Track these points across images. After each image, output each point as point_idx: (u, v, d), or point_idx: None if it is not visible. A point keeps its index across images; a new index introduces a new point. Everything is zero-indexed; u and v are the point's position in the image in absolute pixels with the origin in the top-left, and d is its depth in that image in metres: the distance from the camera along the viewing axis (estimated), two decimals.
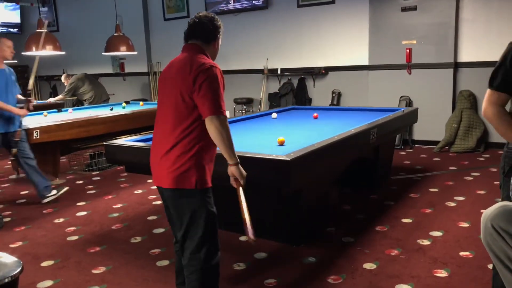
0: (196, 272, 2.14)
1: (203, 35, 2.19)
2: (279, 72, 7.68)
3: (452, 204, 3.95)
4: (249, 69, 7.98)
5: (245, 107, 7.93)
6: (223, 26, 2.29)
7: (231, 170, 2.09)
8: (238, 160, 2.09)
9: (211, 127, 2.00)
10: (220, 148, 2.06)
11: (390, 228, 3.43)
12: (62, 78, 7.62)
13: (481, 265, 2.78)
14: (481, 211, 3.74)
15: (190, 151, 2.05)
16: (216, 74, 2.06)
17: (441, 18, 6.09)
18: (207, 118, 2.01)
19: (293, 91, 7.53)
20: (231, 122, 4.40)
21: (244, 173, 2.11)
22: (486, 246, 1.63)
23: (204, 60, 2.10)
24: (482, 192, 4.24)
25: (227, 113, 8.18)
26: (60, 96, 7.49)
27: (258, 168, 2.71)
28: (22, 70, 10.92)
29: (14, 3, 10.00)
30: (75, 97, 7.61)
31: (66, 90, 7.21)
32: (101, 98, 7.43)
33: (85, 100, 7.48)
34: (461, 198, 4.08)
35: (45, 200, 4.37)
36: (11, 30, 10.54)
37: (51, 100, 7.69)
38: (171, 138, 2.08)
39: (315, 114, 4.62)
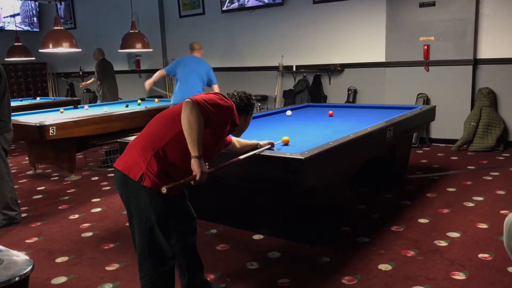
0: (146, 277, 2.15)
1: (236, 104, 2.26)
2: (294, 69, 7.62)
3: (470, 204, 3.86)
4: (264, 66, 7.94)
5: (259, 104, 7.89)
6: (238, 23, 2.30)
7: (191, 162, 2.01)
8: (199, 154, 1.99)
9: (183, 111, 1.98)
10: (185, 135, 1.99)
11: (406, 228, 3.37)
12: (96, 51, 7.75)
13: (501, 268, 2.71)
14: (501, 212, 3.65)
15: (154, 154, 2.05)
16: (228, 104, 2.13)
17: (460, 14, 5.96)
18: (185, 100, 2.00)
19: (308, 88, 7.47)
20: None
21: (203, 170, 2.01)
22: (509, 252, 1.57)
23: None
24: (501, 192, 4.14)
25: None
26: (92, 79, 7.85)
27: (272, 167, 2.69)
28: (40, 67, 11.09)
29: (32, 1, 10.13)
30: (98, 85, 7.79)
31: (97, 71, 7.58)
32: (114, 94, 7.62)
33: (99, 92, 7.68)
34: (480, 198, 3.99)
35: None
36: (29, 27, 10.67)
37: (82, 84, 8.09)
38: (152, 138, 2.12)
39: (330, 112, 4.57)
